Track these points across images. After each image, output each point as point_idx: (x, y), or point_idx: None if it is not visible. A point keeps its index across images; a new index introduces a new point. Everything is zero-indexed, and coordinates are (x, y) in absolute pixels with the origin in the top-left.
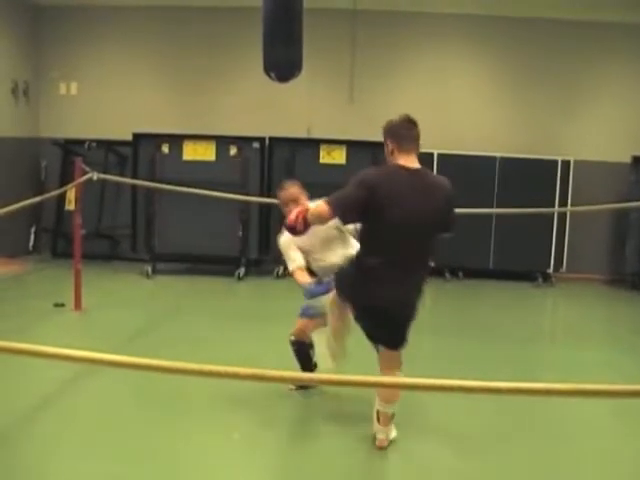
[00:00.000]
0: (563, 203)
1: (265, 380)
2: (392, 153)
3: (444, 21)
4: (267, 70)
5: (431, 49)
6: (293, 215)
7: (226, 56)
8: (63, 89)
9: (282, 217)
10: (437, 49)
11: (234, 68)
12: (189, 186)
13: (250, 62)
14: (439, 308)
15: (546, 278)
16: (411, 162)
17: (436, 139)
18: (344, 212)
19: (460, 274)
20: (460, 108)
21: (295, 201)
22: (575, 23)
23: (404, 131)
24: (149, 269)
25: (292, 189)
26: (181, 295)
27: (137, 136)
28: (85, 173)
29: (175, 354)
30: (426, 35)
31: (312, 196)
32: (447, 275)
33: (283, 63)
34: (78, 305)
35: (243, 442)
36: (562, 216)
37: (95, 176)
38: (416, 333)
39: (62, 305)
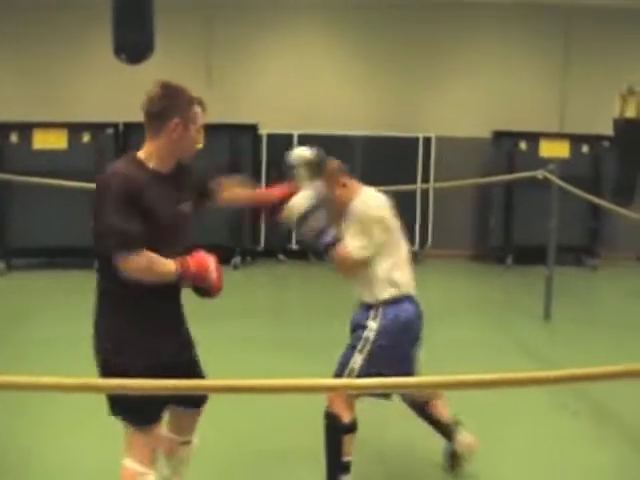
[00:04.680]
0: (425, 179)
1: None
2: None
3: (300, 2)
4: (117, 52)
5: (289, 30)
6: None
7: (75, 40)
8: None
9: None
10: (295, 30)
11: (84, 52)
12: (41, 176)
13: (101, 45)
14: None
15: (413, 255)
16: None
17: (297, 120)
18: None
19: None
20: (321, 89)
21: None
22: (432, 3)
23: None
24: (2, 266)
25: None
26: (37, 292)
27: None
28: None
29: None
30: (284, 15)
31: None
32: (281, 256)
33: (134, 44)
34: None
35: None
36: (425, 193)
37: None
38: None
39: None
